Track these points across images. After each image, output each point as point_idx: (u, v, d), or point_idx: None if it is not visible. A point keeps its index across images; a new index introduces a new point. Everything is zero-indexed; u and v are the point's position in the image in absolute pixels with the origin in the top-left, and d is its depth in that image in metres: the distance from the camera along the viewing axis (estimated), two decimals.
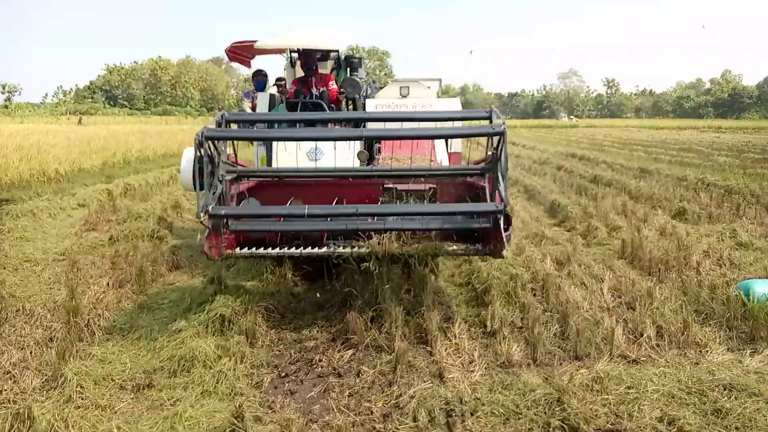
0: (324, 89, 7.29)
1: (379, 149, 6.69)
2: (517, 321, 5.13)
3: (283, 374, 4.38)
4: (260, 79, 9.00)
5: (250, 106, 8.98)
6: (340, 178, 5.39)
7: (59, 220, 9.98)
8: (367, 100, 7.30)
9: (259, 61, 9.32)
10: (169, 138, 26.23)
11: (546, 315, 5.20)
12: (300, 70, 7.70)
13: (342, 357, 4.59)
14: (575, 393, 3.74)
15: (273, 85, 9.29)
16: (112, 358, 4.49)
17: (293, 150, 6.23)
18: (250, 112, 8.15)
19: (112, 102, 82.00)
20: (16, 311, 5.32)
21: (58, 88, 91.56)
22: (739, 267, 6.56)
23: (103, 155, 18.24)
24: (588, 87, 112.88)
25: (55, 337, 4.81)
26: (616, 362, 4.32)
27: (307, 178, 5.50)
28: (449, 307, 5.61)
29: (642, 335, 4.72)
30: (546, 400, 3.74)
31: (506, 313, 5.15)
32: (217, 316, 4.89)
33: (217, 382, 4.04)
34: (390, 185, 5.44)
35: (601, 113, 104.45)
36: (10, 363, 4.36)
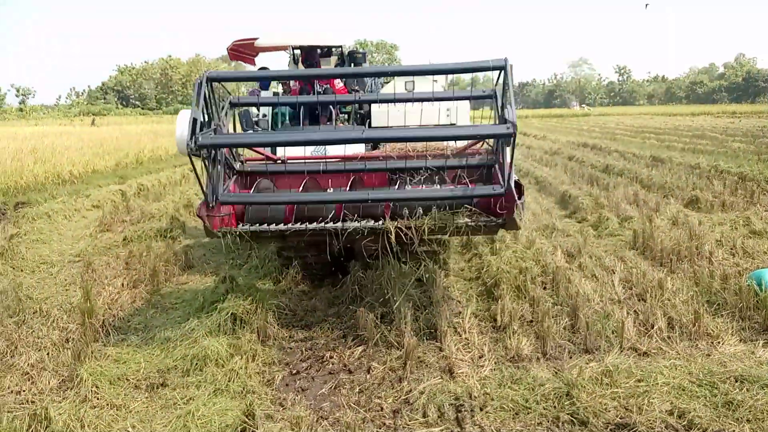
0: (327, 86, 7.31)
1: None
2: (527, 315, 5.13)
3: (294, 371, 4.43)
4: None
5: None
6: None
7: (74, 221, 10.12)
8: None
9: (264, 59, 9.32)
10: None
11: (556, 308, 5.20)
12: (303, 68, 7.72)
13: (352, 353, 4.62)
14: (584, 387, 3.75)
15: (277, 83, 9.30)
16: (127, 358, 4.55)
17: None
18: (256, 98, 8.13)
19: (125, 102, 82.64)
20: (33, 313, 5.43)
21: (71, 89, 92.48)
22: (752, 256, 6.50)
23: (116, 156, 18.42)
24: (599, 75, 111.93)
25: (71, 338, 4.90)
26: (627, 355, 4.32)
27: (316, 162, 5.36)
28: (459, 302, 5.62)
29: (653, 327, 4.71)
30: (555, 394, 3.75)
31: (516, 307, 5.15)
32: (229, 315, 4.94)
33: (229, 381, 4.09)
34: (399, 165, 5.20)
35: (613, 101, 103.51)
36: (29, 364, 4.46)
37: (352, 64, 8.33)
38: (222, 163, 4.78)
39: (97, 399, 3.91)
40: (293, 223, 4.69)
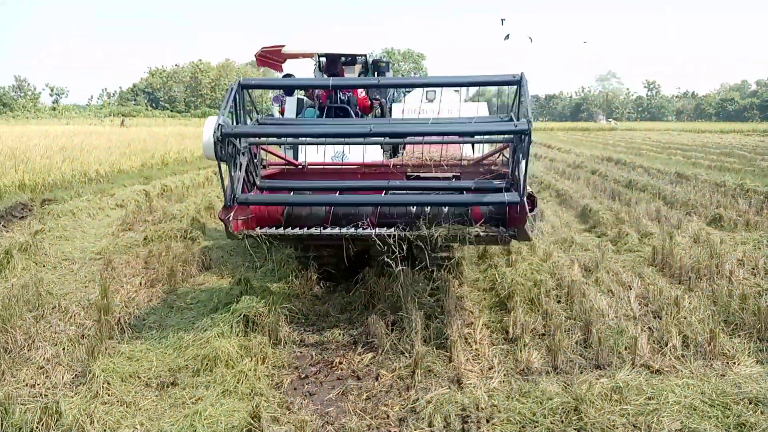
0: (351, 94, 7.37)
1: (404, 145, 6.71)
2: (539, 328, 5.09)
3: (303, 376, 4.45)
4: None
5: (279, 110, 9.12)
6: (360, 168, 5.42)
7: (98, 219, 10.31)
8: (393, 104, 7.35)
9: (291, 65, 9.44)
10: None
11: (569, 322, 5.15)
12: (326, 75, 7.82)
13: (362, 360, 4.63)
14: (593, 402, 3.71)
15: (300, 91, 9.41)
16: (140, 356, 4.62)
17: (320, 153, 6.35)
18: (278, 117, 8.27)
19: (154, 104, 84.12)
20: (53, 308, 5.54)
21: (103, 90, 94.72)
22: None
23: (143, 156, 18.75)
24: (627, 89, 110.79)
25: (86, 334, 4.99)
26: (638, 372, 4.25)
27: (333, 168, 5.51)
28: (471, 312, 5.60)
29: (667, 345, 4.63)
30: (563, 408, 3.71)
31: (528, 320, 5.12)
32: (242, 316, 4.99)
33: (238, 382, 4.13)
34: (413, 174, 5.36)
35: (640, 116, 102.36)
36: (44, 358, 4.55)
37: (376, 73, 8.41)
38: (245, 167, 4.86)
39: (108, 395, 3.97)
40: (309, 229, 4.84)
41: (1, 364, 4.31)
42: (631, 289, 5.96)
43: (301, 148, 6.52)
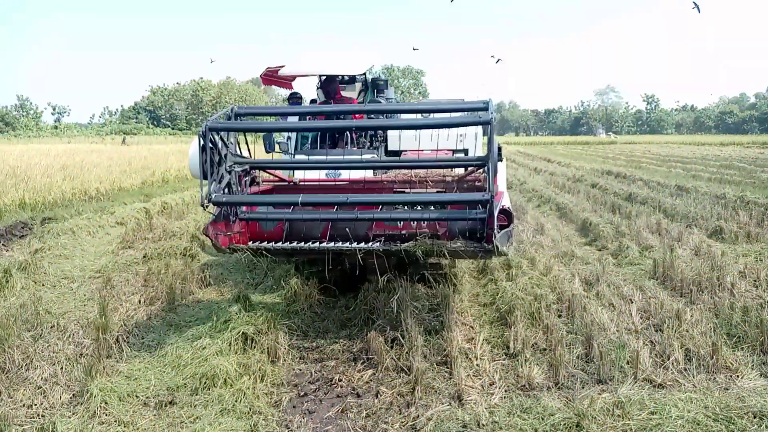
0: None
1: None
2: (540, 343, 5.05)
3: (302, 393, 4.41)
4: (294, 101, 9.23)
5: None
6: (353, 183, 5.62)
7: (98, 237, 10.30)
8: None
9: (299, 83, 9.55)
10: None
11: (570, 337, 5.11)
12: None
13: (362, 377, 4.59)
14: (595, 418, 3.67)
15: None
16: (138, 374, 4.59)
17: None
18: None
19: (156, 122, 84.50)
20: (51, 327, 5.52)
21: (105, 108, 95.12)
22: None
23: (143, 174, 18.79)
24: (626, 103, 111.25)
25: (85, 353, 4.96)
26: (641, 386, 4.21)
27: (324, 184, 5.73)
28: (472, 328, 5.56)
29: (669, 358, 4.59)
30: (565, 424, 3.67)
31: (529, 335, 5.08)
32: (240, 334, 4.96)
33: (237, 401, 4.09)
34: (400, 190, 5.52)
35: (640, 129, 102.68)
36: (42, 378, 4.52)
37: (375, 90, 8.52)
38: (227, 180, 4.97)
39: (106, 415, 3.94)
40: (293, 243, 5.10)
41: None
42: (633, 303, 5.93)
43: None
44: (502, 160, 4.64)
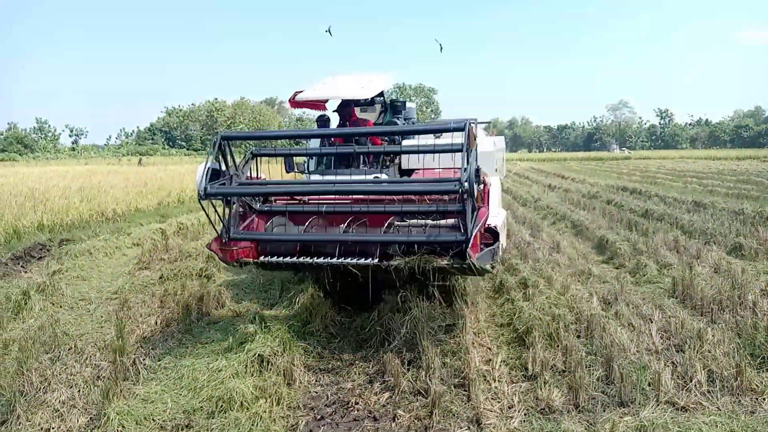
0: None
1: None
2: (559, 364, 4.98)
3: (318, 417, 4.37)
4: (322, 124, 9.35)
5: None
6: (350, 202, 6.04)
7: (114, 258, 10.38)
8: (405, 141, 7.45)
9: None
10: None
11: (590, 358, 5.04)
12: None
13: (378, 400, 4.55)
14: None
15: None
16: (155, 397, 4.58)
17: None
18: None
19: (171, 143, 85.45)
20: (69, 349, 5.55)
21: (121, 130, 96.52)
22: None
23: (159, 195, 18.95)
24: (640, 118, 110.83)
25: (102, 375, 4.97)
26: (663, 409, 4.13)
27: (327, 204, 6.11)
28: (489, 349, 5.50)
29: (692, 380, 4.50)
30: None
31: (548, 356, 5.02)
32: (256, 356, 4.95)
33: (253, 425, 4.07)
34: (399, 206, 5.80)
35: (654, 144, 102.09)
36: (59, 401, 4.52)
37: (393, 111, 8.72)
38: (239, 204, 5.74)
39: None
40: (299, 257, 5.57)
41: (16, 408, 4.29)
42: (652, 322, 5.84)
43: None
44: (479, 184, 4.74)
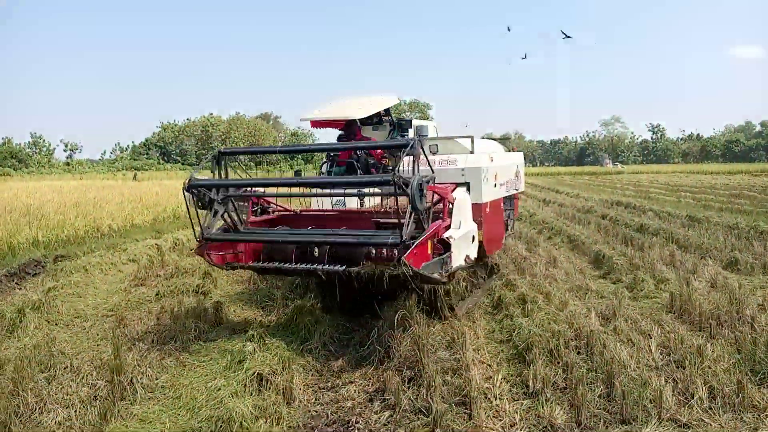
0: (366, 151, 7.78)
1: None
2: (560, 381, 4.96)
3: None
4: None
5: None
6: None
7: (110, 275, 10.32)
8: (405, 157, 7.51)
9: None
10: None
11: (591, 375, 5.02)
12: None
13: (379, 419, 4.51)
14: None
15: None
16: (153, 417, 4.54)
17: (326, 200, 7.87)
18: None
19: (166, 158, 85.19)
20: (65, 368, 5.48)
21: (116, 145, 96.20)
22: None
23: (154, 210, 18.87)
24: (632, 133, 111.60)
25: (99, 395, 4.91)
26: (666, 427, 4.12)
27: (319, 214, 6.99)
28: (490, 366, 5.48)
29: (693, 397, 4.50)
30: None
31: (549, 373, 5.00)
32: (255, 374, 4.91)
33: None
34: (377, 219, 6.34)
35: (646, 159, 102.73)
36: (56, 422, 4.47)
37: (399, 129, 8.91)
38: (220, 213, 6.11)
39: None
40: (283, 264, 5.91)
41: (11, 430, 4.23)
42: (652, 338, 5.84)
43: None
44: (423, 196, 5.05)
